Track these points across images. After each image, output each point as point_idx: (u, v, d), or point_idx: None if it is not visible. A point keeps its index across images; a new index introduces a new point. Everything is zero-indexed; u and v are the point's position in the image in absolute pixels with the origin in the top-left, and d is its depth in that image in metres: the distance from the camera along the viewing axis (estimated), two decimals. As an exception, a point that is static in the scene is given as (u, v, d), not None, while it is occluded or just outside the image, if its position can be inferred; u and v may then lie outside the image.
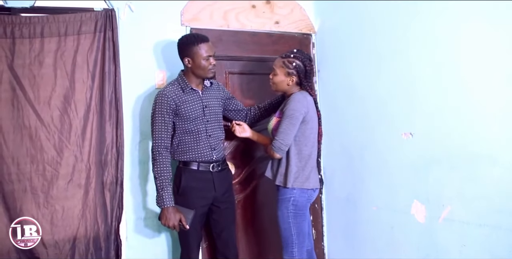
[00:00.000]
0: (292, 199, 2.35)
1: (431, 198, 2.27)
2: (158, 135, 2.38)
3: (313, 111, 2.41)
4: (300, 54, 2.43)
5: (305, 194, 2.38)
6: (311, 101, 2.42)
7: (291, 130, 2.32)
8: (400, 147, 2.45)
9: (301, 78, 2.43)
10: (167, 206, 2.32)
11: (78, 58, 2.49)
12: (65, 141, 2.45)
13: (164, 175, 2.35)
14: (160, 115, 2.38)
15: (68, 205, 2.44)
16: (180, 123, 2.43)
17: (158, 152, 2.37)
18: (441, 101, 2.20)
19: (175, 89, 2.43)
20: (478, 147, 2.02)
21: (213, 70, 2.44)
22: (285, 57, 2.44)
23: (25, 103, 2.39)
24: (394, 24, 2.49)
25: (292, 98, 2.37)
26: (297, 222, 2.36)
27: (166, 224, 2.33)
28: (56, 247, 2.40)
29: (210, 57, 2.40)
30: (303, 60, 2.41)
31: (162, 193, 2.32)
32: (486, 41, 1.97)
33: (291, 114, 2.32)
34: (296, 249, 2.35)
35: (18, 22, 2.39)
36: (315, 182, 2.42)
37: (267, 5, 3.04)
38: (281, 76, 2.43)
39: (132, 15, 2.65)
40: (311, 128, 2.40)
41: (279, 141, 2.32)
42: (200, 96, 2.48)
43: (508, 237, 1.90)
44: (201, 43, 2.39)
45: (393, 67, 2.50)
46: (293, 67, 2.40)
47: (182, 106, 2.41)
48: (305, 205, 2.42)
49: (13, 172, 2.35)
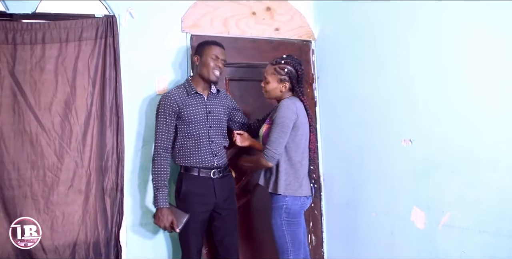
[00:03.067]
0: (284, 207, 2.31)
1: (431, 204, 2.27)
2: (159, 136, 2.42)
3: (303, 117, 2.36)
4: (291, 60, 2.39)
5: (298, 201, 2.34)
6: (301, 107, 2.37)
7: (283, 138, 2.28)
8: (399, 153, 2.45)
9: (293, 84, 2.40)
10: (160, 207, 2.36)
11: (79, 64, 2.50)
12: (65, 147, 2.45)
13: (160, 176, 2.39)
14: (163, 117, 2.42)
15: (68, 210, 2.44)
16: (182, 126, 2.45)
17: (157, 153, 2.42)
18: (441, 107, 2.20)
19: (180, 92, 2.47)
20: (478, 153, 2.02)
21: (217, 72, 2.47)
22: (276, 63, 2.40)
23: (26, 108, 2.40)
24: (393, 30, 2.50)
25: (281, 104, 2.32)
26: (291, 229, 2.32)
27: (157, 224, 2.38)
28: (56, 252, 2.40)
29: (218, 59, 2.46)
30: (294, 65, 2.38)
31: (157, 194, 2.38)
32: (487, 46, 1.97)
33: (281, 121, 2.27)
34: (292, 257, 2.31)
35: (20, 28, 2.41)
36: (308, 190, 2.38)
37: (267, 12, 3.06)
38: (273, 84, 2.41)
39: (133, 22, 2.67)
40: (301, 134, 2.35)
41: (271, 150, 2.28)
42: (205, 101, 2.50)
43: (508, 243, 1.89)
44: (214, 45, 2.49)
45: (393, 74, 2.50)
46: (285, 73, 2.37)
47: (185, 109, 2.43)
48: (298, 212, 2.36)
49: (13, 178, 2.36)
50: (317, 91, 3.18)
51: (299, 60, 2.45)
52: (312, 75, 3.19)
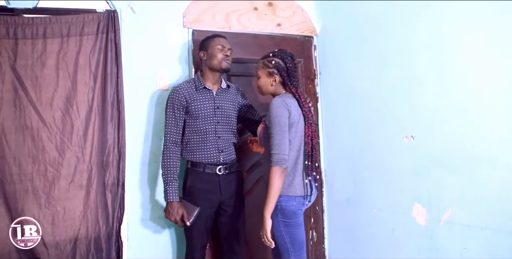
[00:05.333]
0: (279, 207, 2.22)
1: (432, 201, 2.27)
2: (168, 130, 2.44)
3: (296, 114, 2.24)
4: (280, 53, 2.33)
5: (293, 201, 2.22)
6: (293, 103, 2.24)
7: (285, 138, 2.19)
8: (401, 150, 2.45)
9: (283, 77, 2.31)
10: (170, 201, 2.36)
11: (81, 59, 2.50)
12: (66, 142, 2.45)
13: (170, 170, 2.39)
14: (171, 111, 2.44)
15: (69, 206, 2.44)
16: (190, 121, 2.46)
17: (166, 147, 2.43)
18: (443, 104, 2.19)
19: (189, 86, 2.48)
20: (479, 150, 2.02)
21: (227, 60, 2.48)
22: (264, 57, 2.37)
23: (27, 103, 2.39)
24: (396, 26, 2.49)
25: (271, 104, 2.21)
26: (289, 230, 2.24)
27: (168, 218, 2.38)
28: (57, 248, 2.40)
29: (224, 48, 2.48)
30: (282, 57, 2.31)
31: (167, 188, 2.38)
32: (490, 44, 1.97)
33: (276, 121, 2.18)
34: (293, 257, 2.25)
35: (21, 23, 2.40)
36: (303, 189, 2.26)
37: (269, 7, 3.05)
38: (263, 78, 2.35)
39: (134, 17, 2.66)
40: (295, 131, 2.25)
41: (278, 154, 2.15)
42: (213, 96, 2.50)
43: (509, 240, 1.89)
44: (217, 37, 2.51)
45: (395, 70, 2.49)
46: (273, 65, 2.30)
47: (193, 104, 2.43)
48: (294, 213, 2.24)
49: (14, 173, 2.36)
50: (319, 87, 3.17)
51: (290, 53, 2.37)
52: (314, 71, 3.18)
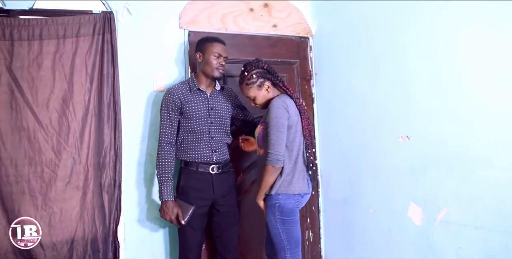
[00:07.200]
0: (277, 205, 2.27)
1: (428, 201, 2.28)
2: (163, 130, 2.46)
3: (294, 114, 2.30)
4: (248, 65, 2.37)
5: (291, 199, 2.29)
6: (291, 104, 2.31)
7: (282, 138, 2.24)
8: (397, 150, 2.46)
9: (271, 78, 2.36)
10: (165, 200, 2.38)
11: (77, 60, 2.50)
12: (63, 143, 2.45)
13: (165, 170, 2.42)
14: (166, 112, 2.46)
15: (66, 207, 2.44)
16: (184, 121, 2.48)
17: (161, 147, 2.45)
18: (438, 104, 2.20)
19: (183, 88, 2.50)
20: (475, 150, 2.03)
21: (220, 69, 2.50)
22: (242, 81, 2.38)
23: (24, 105, 2.39)
24: (391, 27, 2.50)
25: (271, 105, 2.28)
26: (286, 228, 2.29)
27: (163, 217, 2.40)
28: (54, 248, 2.40)
29: (221, 57, 2.49)
30: (255, 66, 2.35)
31: (162, 187, 2.40)
32: (484, 43, 1.98)
33: (275, 122, 2.23)
34: (289, 255, 2.28)
35: (17, 24, 2.41)
36: (302, 187, 2.32)
37: (265, 8, 3.06)
38: (257, 93, 2.37)
39: (131, 18, 2.67)
40: (295, 131, 2.31)
41: (273, 153, 2.22)
42: (207, 98, 2.53)
43: (504, 239, 1.90)
44: (216, 42, 2.51)
45: (390, 70, 2.51)
46: (256, 77, 2.34)
47: (187, 105, 2.46)
48: (292, 210, 2.30)
49: (11, 174, 2.36)
50: (314, 88, 3.18)
51: (256, 59, 2.41)
52: (309, 71, 3.19)
